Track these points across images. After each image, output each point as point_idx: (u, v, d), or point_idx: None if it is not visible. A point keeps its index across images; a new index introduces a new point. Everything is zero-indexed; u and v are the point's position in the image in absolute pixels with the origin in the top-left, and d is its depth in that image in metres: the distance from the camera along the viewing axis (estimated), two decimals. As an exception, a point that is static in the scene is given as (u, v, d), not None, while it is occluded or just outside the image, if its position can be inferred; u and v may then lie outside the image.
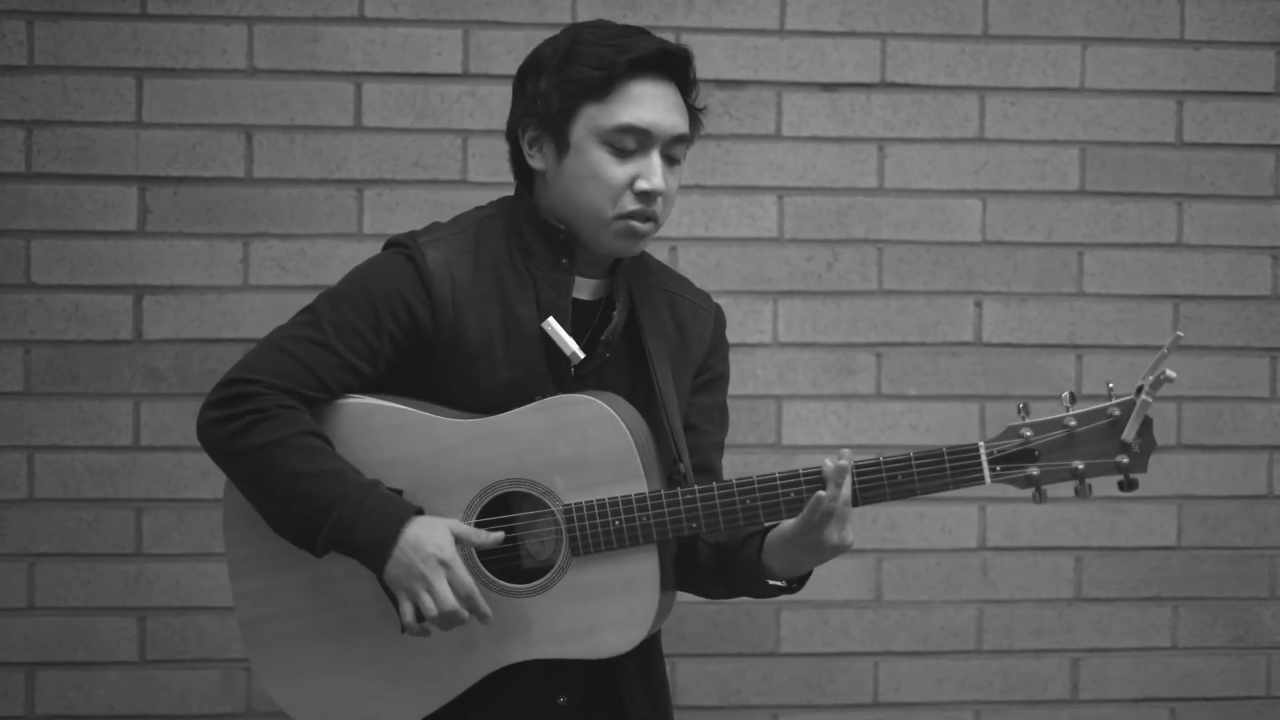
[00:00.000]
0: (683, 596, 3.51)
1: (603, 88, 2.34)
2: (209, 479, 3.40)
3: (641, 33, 2.40)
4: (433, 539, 2.27)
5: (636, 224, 2.36)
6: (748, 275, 3.54)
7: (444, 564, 2.27)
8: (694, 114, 2.44)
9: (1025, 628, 3.63)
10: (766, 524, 2.38)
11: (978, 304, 3.61)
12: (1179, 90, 3.64)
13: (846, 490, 2.30)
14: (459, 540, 2.30)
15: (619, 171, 2.35)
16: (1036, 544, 3.62)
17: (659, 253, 3.49)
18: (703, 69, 3.49)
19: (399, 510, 2.28)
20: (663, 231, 3.50)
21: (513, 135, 2.45)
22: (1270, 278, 3.66)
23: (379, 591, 2.36)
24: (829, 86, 3.56)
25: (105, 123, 3.40)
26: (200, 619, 3.43)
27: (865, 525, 3.52)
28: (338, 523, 2.27)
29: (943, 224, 3.59)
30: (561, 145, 2.37)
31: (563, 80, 2.36)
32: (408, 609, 2.29)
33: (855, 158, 3.57)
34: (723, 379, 2.59)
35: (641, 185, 2.35)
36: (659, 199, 2.37)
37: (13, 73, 3.39)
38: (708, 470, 2.53)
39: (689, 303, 2.55)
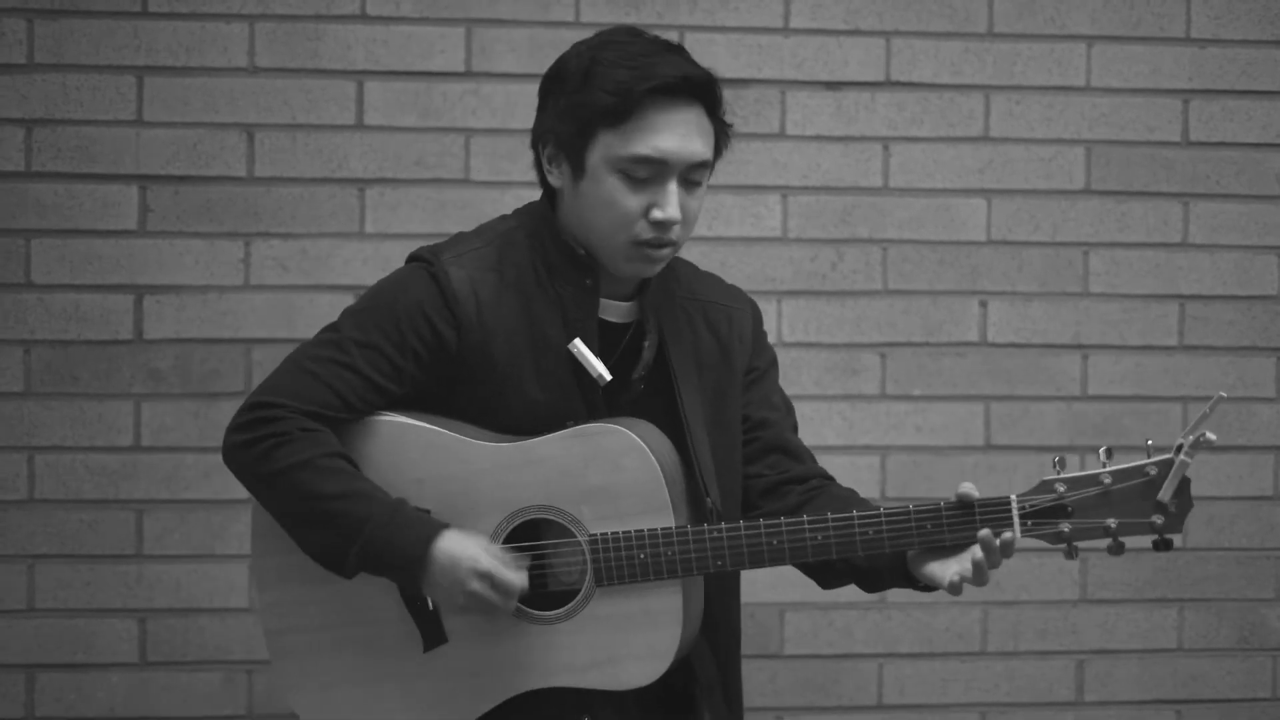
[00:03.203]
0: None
1: (619, 115, 2.28)
2: (210, 480, 3.39)
3: (667, 52, 2.33)
4: (466, 552, 2.27)
5: (650, 251, 2.33)
6: (752, 275, 3.52)
7: (484, 574, 2.26)
8: (721, 130, 2.37)
9: (1030, 629, 3.61)
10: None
11: (983, 304, 3.59)
12: (1185, 89, 3.62)
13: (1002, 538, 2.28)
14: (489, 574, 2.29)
15: (633, 201, 2.30)
16: (1041, 545, 3.60)
17: (662, 252, 3.48)
18: (706, 67, 3.50)
19: (425, 531, 2.27)
20: (666, 231, 3.49)
21: (535, 147, 2.41)
22: (1277, 277, 3.65)
23: (402, 610, 2.36)
24: (833, 85, 3.55)
25: (106, 121, 3.39)
26: (201, 621, 3.41)
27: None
28: (367, 543, 2.26)
29: (948, 223, 3.58)
30: (577, 168, 2.33)
31: (579, 104, 2.30)
32: (464, 623, 2.31)
33: (860, 157, 3.55)
34: (772, 366, 2.56)
35: (656, 215, 2.30)
36: (675, 226, 2.32)
37: (12, 71, 3.37)
38: (789, 452, 2.53)
39: (722, 308, 2.51)
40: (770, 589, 3.53)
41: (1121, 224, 3.62)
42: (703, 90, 2.32)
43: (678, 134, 2.30)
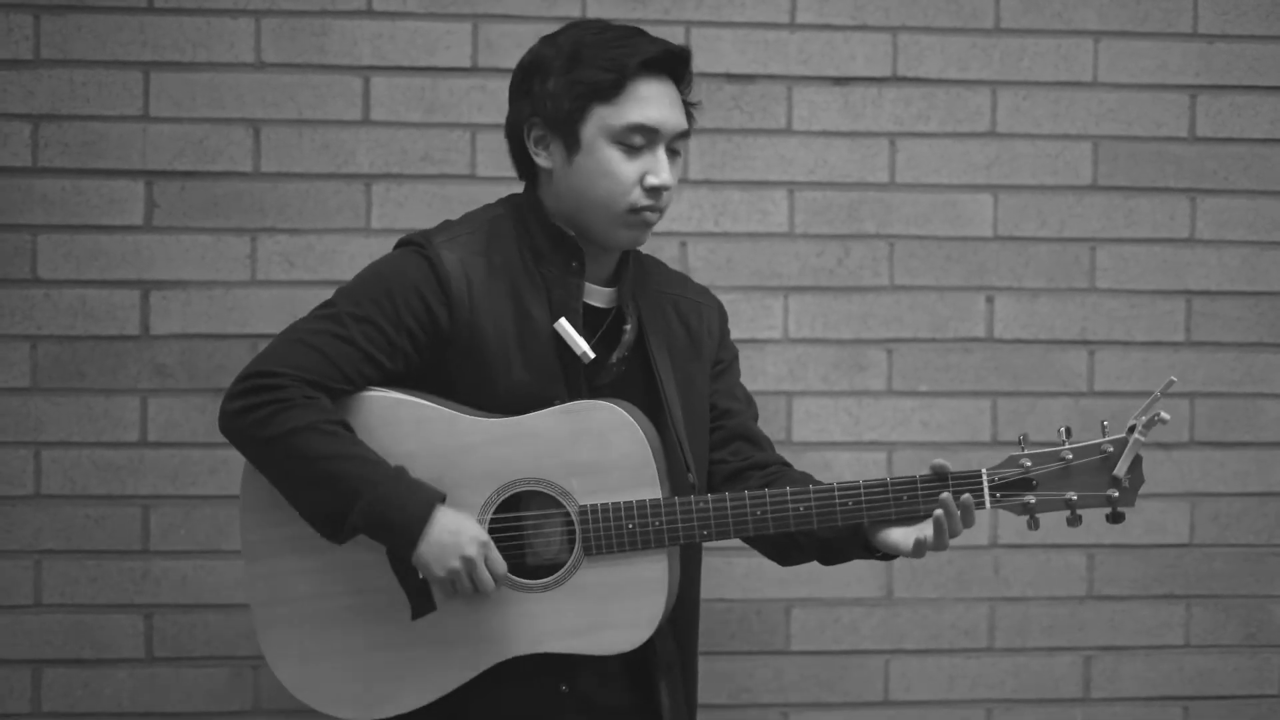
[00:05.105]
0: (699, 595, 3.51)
1: (613, 89, 2.45)
2: (216, 475, 3.39)
3: (641, 33, 2.52)
4: (467, 523, 2.36)
5: (646, 216, 2.48)
6: (758, 270, 3.52)
7: (484, 544, 2.36)
8: (689, 109, 2.56)
9: (1037, 626, 3.61)
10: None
11: (989, 299, 3.59)
12: (1192, 84, 3.62)
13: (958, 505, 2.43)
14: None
15: (629, 168, 2.45)
16: (1048, 541, 3.61)
17: (669, 248, 3.48)
18: (712, 62, 3.50)
19: (428, 495, 2.36)
20: (673, 226, 3.49)
21: (515, 134, 2.54)
22: (1284, 273, 3.65)
23: (391, 579, 2.43)
24: (840, 80, 3.54)
25: (112, 117, 3.39)
26: (208, 616, 3.41)
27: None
28: (368, 506, 2.34)
29: (954, 219, 3.57)
30: (571, 144, 2.47)
31: (572, 82, 2.45)
32: (443, 588, 2.38)
33: (866, 152, 3.55)
34: (735, 361, 2.72)
35: (651, 181, 2.46)
36: (666, 192, 2.48)
37: (19, 66, 3.37)
38: (751, 440, 2.66)
39: (692, 302, 2.67)
40: (777, 585, 3.53)
41: (1128, 219, 3.61)
42: (680, 66, 2.52)
43: (665, 104, 2.48)
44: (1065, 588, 3.62)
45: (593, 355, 2.46)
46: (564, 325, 2.45)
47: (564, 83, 2.46)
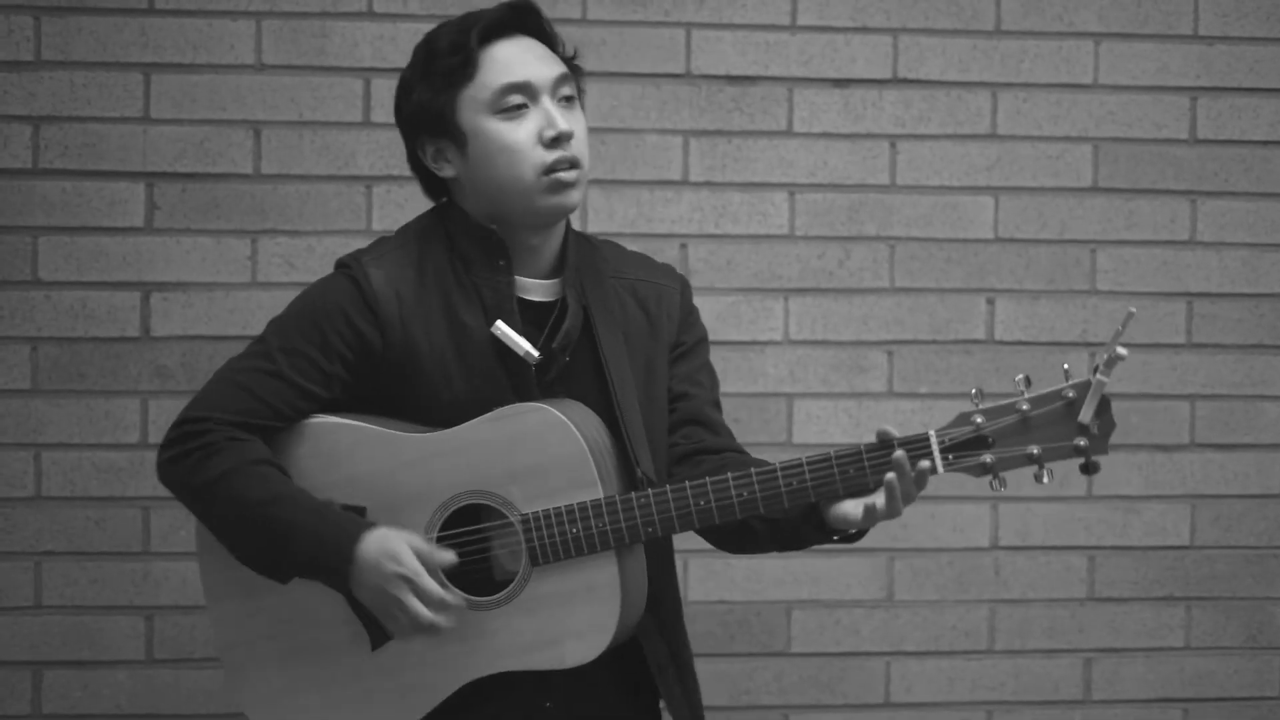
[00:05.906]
0: (695, 596, 3.51)
1: (465, 67, 2.37)
2: (217, 477, 3.39)
3: (482, 11, 2.42)
4: (388, 553, 2.26)
5: (562, 174, 2.36)
6: (759, 272, 3.52)
7: (406, 580, 2.26)
8: (572, 61, 2.46)
9: (1038, 628, 3.61)
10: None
11: (990, 301, 3.59)
12: (1192, 86, 3.62)
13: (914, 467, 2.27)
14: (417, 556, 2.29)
15: (521, 133, 2.36)
16: (1049, 543, 3.61)
17: (669, 250, 3.48)
18: (713, 64, 3.50)
19: (351, 529, 2.28)
20: (673, 228, 3.49)
21: (415, 163, 2.48)
22: (1285, 275, 3.65)
23: (348, 611, 2.36)
24: (841, 82, 3.54)
25: (113, 118, 3.39)
26: (207, 618, 3.41)
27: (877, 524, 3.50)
28: (296, 550, 2.28)
29: (955, 221, 3.57)
30: (459, 139, 2.39)
31: (429, 83, 2.39)
32: (393, 628, 2.31)
33: (867, 154, 3.55)
34: (700, 344, 2.57)
35: (547, 133, 2.36)
36: (571, 141, 2.37)
37: (20, 68, 3.37)
38: (705, 424, 2.52)
39: (651, 285, 2.53)
40: (777, 586, 3.53)
41: (1129, 222, 3.61)
42: (530, 20, 2.42)
43: (527, 59, 2.38)
44: (1065, 590, 3.62)
45: (537, 355, 2.35)
46: (501, 328, 2.35)
47: (424, 87, 2.39)
